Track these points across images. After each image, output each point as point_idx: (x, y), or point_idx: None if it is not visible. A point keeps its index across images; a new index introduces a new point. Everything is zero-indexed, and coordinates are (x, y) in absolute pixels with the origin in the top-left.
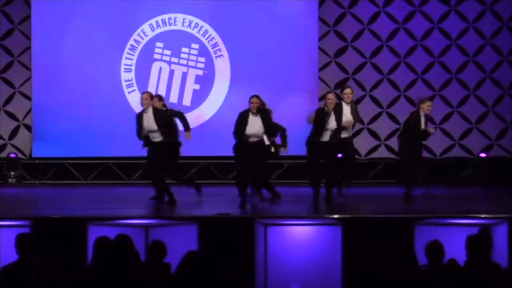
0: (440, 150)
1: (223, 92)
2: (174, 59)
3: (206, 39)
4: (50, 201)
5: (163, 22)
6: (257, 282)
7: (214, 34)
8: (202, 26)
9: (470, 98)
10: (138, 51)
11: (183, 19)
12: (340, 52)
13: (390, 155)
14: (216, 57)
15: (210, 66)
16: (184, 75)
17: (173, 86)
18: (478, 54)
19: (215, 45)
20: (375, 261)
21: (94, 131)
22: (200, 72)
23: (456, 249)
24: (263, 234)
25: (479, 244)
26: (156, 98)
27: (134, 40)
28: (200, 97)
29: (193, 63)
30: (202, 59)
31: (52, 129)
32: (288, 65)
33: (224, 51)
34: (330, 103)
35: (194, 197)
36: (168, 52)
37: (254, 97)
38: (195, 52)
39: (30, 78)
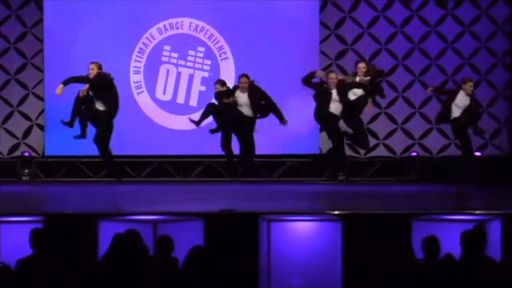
0: (436, 149)
1: None
2: (181, 62)
3: (212, 42)
4: (62, 198)
5: (171, 26)
6: (260, 275)
7: (219, 37)
8: (208, 30)
9: None
10: (146, 54)
11: (190, 23)
12: (340, 54)
13: (388, 154)
14: (221, 59)
15: (215, 68)
16: (190, 77)
17: (180, 88)
18: (473, 56)
19: (220, 48)
20: (374, 255)
21: None
22: (206, 74)
23: (451, 244)
24: (267, 230)
25: (474, 239)
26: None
27: (143, 43)
28: (206, 98)
29: (199, 66)
30: (208, 62)
31: (64, 128)
32: (290, 67)
33: (229, 54)
34: (332, 82)
35: (200, 194)
36: (175, 54)
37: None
38: (201, 55)
39: (42, 79)
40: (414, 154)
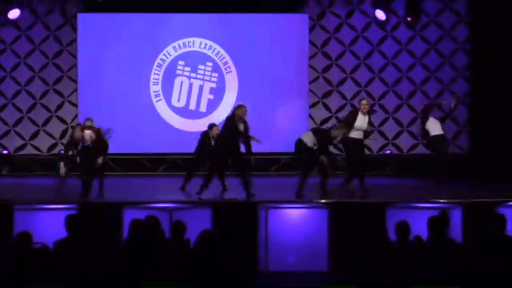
0: (407, 147)
1: (232, 101)
2: (193, 74)
3: (218, 58)
4: (93, 189)
5: (184, 44)
6: (260, 254)
7: (224, 54)
8: (215, 48)
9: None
10: (163, 68)
11: (200, 42)
12: (326, 68)
13: (367, 152)
14: (226, 73)
15: (221, 80)
16: (200, 88)
17: (192, 96)
18: (438, 70)
19: (226, 63)
20: (355, 237)
21: (128, 132)
22: (213, 85)
23: (420, 228)
24: (265, 216)
25: (439, 224)
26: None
27: (161, 59)
28: (213, 105)
29: (208, 78)
30: (215, 74)
31: None
32: (283, 79)
33: (233, 68)
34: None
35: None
36: (188, 68)
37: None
38: (210, 68)
39: (76, 89)
40: (388, 152)
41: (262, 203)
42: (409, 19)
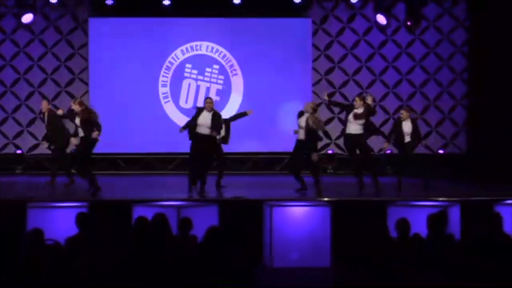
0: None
1: (238, 102)
2: (200, 77)
3: (225, 61)
4: (103, 187)
5: (191, 48)
6: (264, 250)
7: (230, 57)
8: (221, 51)
9: (431, 107)
10: (172, 70)
11: (207, 46)
12: (329, 71)
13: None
14: (232, 75)
15: (227, 82)
16: (207, 89)
17: (199, 98)
18: (437, 72)
19: (232, 66)
20: (357, 234)
21: (138, 132)
22: (220, 87)
23: (419, 225)
24: (269, 213)
25: (438, 220)
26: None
27: (169, 61)
28: (220, 106)
29: (214, 80)
30: (222, 77)
31: (105, 131)
32: (287, 82)
33: (238, 71)
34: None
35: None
36: (195, 71)
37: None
38: (216, 71)
39: (87, 91)
40: (389, 151)
41: (267, 201)
42: (409, 24)
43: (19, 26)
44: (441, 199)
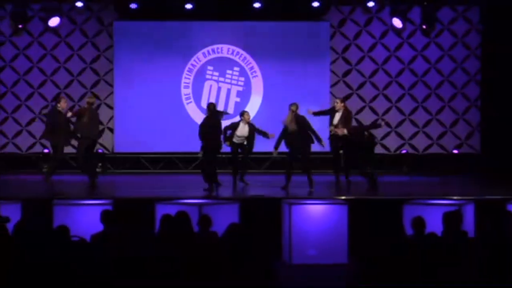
0: (423, 147)
1: (258, 103)
2: (221, 79)
3: (245, 63)
4: (127, 185)
5: (213, 50)
6: (283, 248)
7: (251, 60)
8: (242, 54)
9: (446, 108)
10: (194, 72)
11: (228, 48)
12: (346, 73)
13: (384, 152)
14: (252, 77)
15: (248, 84)
16: (228, 91)
17: (220, 99)
18: (451, 75)
19: (252, 68)
20: (373, 232)
21: (161, 132)
22: (240, 88)
23: (435, 223)
24: (288, 211)
25: (453, 218)
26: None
27: (191, 64)
28: (240, 107)
29: (235, 82)
30: (242, 79)
31: (129, 131)
32: (306, 83)
33: (258, 73)
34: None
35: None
36: (216, 73)
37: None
38: (237, 73)
39: (112, 92)
40: (405, 151)
41: (286, 199)
42: (424, 27)
43: (46, 29)
44: (456, 197)
